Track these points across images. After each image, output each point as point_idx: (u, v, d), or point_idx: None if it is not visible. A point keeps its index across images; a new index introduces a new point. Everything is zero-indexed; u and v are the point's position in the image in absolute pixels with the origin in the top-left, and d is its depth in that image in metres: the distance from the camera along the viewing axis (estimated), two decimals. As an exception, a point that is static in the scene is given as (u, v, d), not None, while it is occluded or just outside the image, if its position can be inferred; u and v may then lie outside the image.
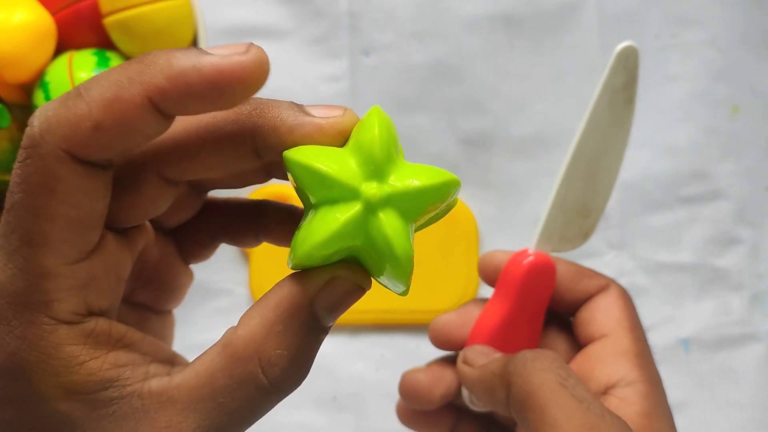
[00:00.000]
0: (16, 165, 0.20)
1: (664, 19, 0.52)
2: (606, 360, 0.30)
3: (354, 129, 0.22)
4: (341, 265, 0.22)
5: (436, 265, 0.49)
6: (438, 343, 0.35)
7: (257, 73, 0.21)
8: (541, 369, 0.27)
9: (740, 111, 0.52)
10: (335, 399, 0.49)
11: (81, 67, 0.43)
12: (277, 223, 0.26)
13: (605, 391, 0.30)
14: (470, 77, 0.51)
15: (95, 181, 0.20)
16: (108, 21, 0.43)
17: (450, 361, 0.35)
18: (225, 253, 0.42)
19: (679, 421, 0.51)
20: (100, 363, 0.21)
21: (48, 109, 0.20)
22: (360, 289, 0.22)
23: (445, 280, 0.49)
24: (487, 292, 0.50)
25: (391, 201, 0.20)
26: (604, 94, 0.32)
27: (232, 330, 0.22)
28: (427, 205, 0.21)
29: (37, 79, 0.44)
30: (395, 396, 0.36)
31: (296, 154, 0.21)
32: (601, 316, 0.32)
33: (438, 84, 0.51)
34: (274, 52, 0.51)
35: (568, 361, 0.33)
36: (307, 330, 0.21)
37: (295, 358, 0.21)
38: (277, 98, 0.51)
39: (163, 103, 0.19)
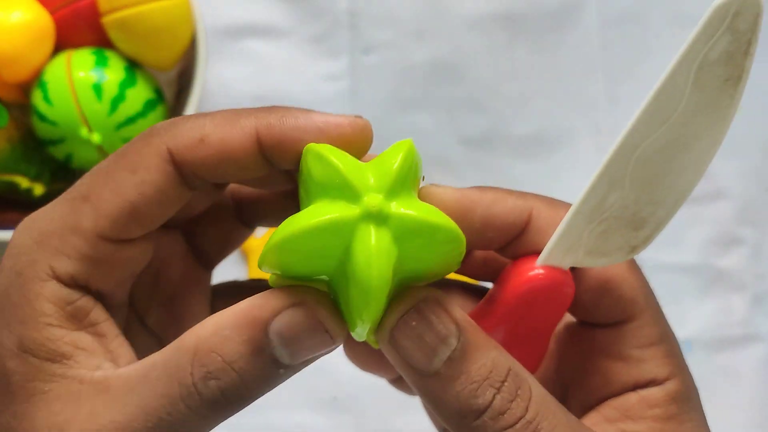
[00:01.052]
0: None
1: (665, 18, 0.52)
2: (630, 356, 0.24)
3: (382, 153, 0.21)
4: (313, 292, 0.20)
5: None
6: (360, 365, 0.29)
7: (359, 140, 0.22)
8: None
9: (742, 111, 0.51)
10: (335, 399, 0.49)
11: (79, 66, 0.43)
12: None
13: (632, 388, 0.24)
14: (471, 76, 0.51)
15: (175, 190, 0.21)
16: (106, 20, 0.43)
17: None
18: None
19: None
20: (62, 334, 0.20)
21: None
22: (323, 332, 0.20)
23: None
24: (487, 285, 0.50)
25: (389, 222, 0.19)
26: (683, 67, 0.22)
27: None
28: (424, 246, 0.19)
29: (36, 79, 0.44)
30: (395, 397, 0.35)
31: (318, 146, 0.20)
32: (609, 293, 0.24)
33: (438, 83, 0.51)
34: (273, 50, 0.51)
35: (567, 345, 0.26)
36: (255, 349, 0.19)
37: (231, 371, 0.19)
38: (276, 97, 0.51)
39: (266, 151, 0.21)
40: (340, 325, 0.20)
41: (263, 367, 0.20)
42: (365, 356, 0.27)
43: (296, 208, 0.21)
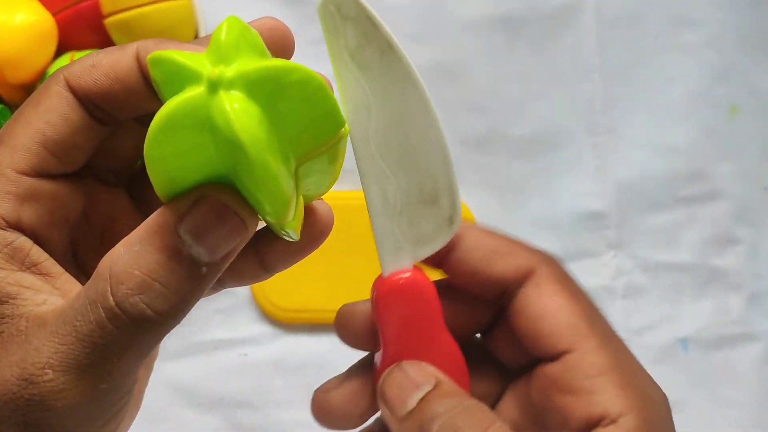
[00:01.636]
0: None
1: (663, 20, 0.52)
2: (578, 390, 0.22)
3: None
4: (212, 185, 0.20)
5: (435, 265, 0.49)
6: (346, 339, 0.27)
7: None
8: None
9: (739, 111, 0.52)
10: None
11: (82, 67, 0.44)
12: None
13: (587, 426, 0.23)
14: (470, 79, 0.51)
15: (82, 120, 0.22)
16: (109, 21, 0.43)
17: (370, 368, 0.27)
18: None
19: (676, 420, 0.51)
20: (4, 275, 0.21)
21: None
22: (233, 216, 0.20)
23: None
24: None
25: (236, 84, 0.19)
26: (340, 63, 0.25)
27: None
28: (283, 98, 0.19)
29: (39, 80, 0.45)
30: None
31: (155, 52, 0.20)
32: (547, 324, 0.23)
33: (438, 85, 0.51)
34: (274, 53, 0.51)
35: (507, 388, 0.26)
36: (169, 254, 0.19)
37: (153, 282, 0.19)
38: None
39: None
40: (247, 208, 0.20)
41: (185, 271, 0.20)
42: (356, 334, 0.27)
43: None
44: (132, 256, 0.20)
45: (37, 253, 0.21)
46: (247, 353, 0.49)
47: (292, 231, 0.22)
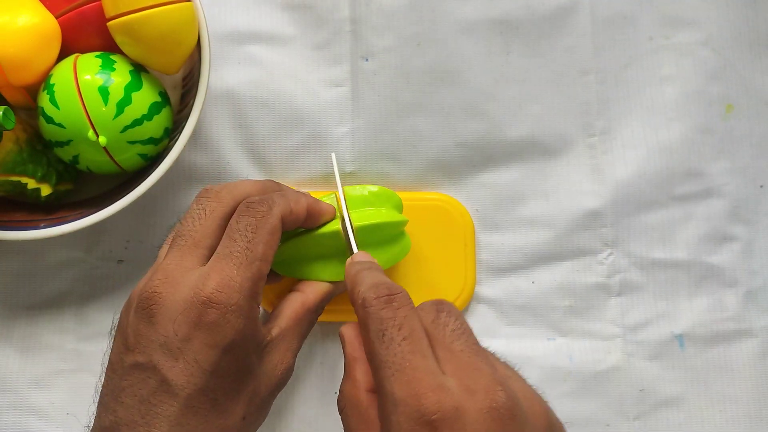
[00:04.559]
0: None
1: (657, 20, 0.52)
2: None
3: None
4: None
5: (433, 265, 0.50)
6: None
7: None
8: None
9: (734, 110, 0.52)
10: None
11: (85, 70, 0.44)
12: None
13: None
14: (468, 81, 0.51)
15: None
16: (112, 24, 0.43)
17: None
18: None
19: (674, 415, 0.51)
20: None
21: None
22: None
23: (443, 280, 0.50)
24: (484, 290, 0.51)
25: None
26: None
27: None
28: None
29: (42, 82, 0.45)
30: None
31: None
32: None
33: (436, 88, 0.52)
34: (276, 56, 0.52)
35: None
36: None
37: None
38: (279, 101, 0.55)
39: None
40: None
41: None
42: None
43: None
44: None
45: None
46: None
47: None
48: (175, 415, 0.35)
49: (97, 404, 0.38)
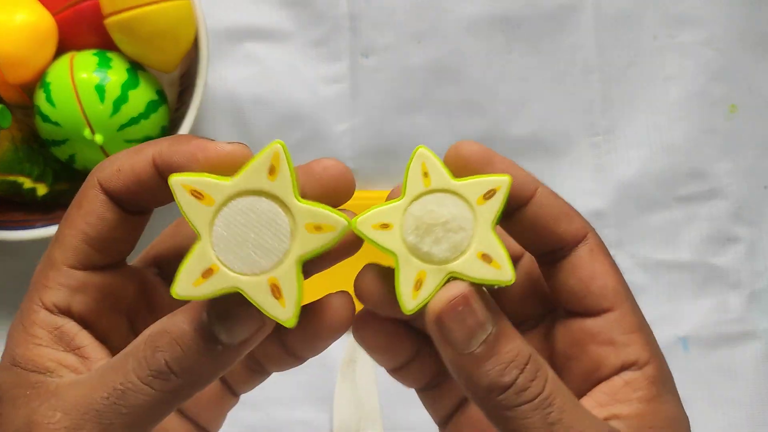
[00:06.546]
0: None
1: (661, 19, 0.52)
2: (617, 341, 0.26)
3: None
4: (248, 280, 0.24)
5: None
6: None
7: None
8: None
9: (738, 110, 0.52)
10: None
11: (82, 67, 0.44)
12: None
13: (617, 373, 0.26)
14: (469, 78, 0.51)
15: (117, 215, 0.25)
16: (109, 22, 0.43)
17: None
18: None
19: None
20: (48, 352, 0.24)
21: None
22: (253, 309, 0.23)
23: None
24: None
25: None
26: None
27: None
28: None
29: (39, 80, 0.45)
30: (396, 392, 0.36)
31: (172, 179, 0.23)
32: (596, 285, 0.26)
33: (437, 85, 0.51)
34: (275, 53, 0.51)
35: (552, 337, 0.28)
36: (196, 327, 0.23)
37: (176, 345, 0.23)
38: (277, 99, 0.52)
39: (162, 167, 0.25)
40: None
41: (203, 342, 0.23)
42: (375, 337, 0.29)
43: None
44: (169, 322, 0.23)
45: (83, 338, 0.25)
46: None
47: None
48: None
49: None
